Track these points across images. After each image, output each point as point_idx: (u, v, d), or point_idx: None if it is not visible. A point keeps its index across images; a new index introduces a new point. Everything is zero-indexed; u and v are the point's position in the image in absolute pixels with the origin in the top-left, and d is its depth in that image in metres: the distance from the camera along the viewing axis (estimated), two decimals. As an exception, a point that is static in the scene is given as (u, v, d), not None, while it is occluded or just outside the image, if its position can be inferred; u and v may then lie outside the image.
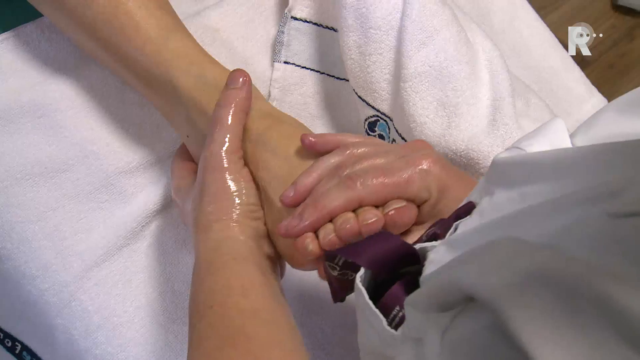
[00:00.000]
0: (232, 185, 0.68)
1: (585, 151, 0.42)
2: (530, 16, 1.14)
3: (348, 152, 0.68)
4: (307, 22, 0.89)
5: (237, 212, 0.67)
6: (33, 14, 0.86)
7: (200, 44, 0.79)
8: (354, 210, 0.64)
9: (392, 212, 0.63)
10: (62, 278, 0.80)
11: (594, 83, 1.16)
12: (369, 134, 0.87)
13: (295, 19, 0.89)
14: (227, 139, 0.69)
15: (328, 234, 0.63)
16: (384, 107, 0.83)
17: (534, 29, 1.13)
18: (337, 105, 0.93)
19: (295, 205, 0.66)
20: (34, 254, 0.81)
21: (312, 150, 0.70)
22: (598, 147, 0.43)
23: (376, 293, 0.50)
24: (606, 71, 1.99)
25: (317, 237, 0.63)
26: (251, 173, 0.71)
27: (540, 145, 0.49)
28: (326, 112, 0.93)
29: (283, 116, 0.75)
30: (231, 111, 0.70)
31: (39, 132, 0.83)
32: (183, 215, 0.76)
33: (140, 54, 0.75)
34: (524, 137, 0.51)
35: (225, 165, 0.68)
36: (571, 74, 1.13)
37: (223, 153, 0.69)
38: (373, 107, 0.84)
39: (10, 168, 0.81)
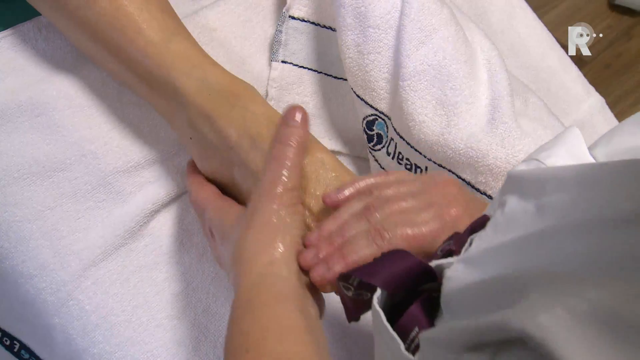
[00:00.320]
0: (283, 220, 0.65)
1: (610, 167, 0.41)
2: (528, 16, 1.14)
3: (376, 193, 0.68)
4: (305, 21, 0.89)
5: (283, 247, 0.64)
6: (30, 13, 0.86)
7: (198, 43, 0.79)
8: None
9: None
10: (60, 277, 0.80)
11: (590, 83, 1.17)
12: (367, 133, 0.87)
13: (293, 18, 0.89)
14: (285, 176, 0.66)
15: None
16: (382, 106, 0.83)
17: (532, 29, 1.13)
18: (335, 104, 0.93)
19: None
20: (32, 253, 0.81)
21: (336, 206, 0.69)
22: (623, 163, 0.41)
23: (393, 313, 0.50)
24: (603, 71, 1.99)
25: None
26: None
27: (559, 158, 0.48)
28: (324, 112, 0.93)
29: None
30: (291, 149, 0.67)
31: (37, 131, 0.83)
32: (217, 248, 0.73)
33: (142, 56, 0.75)
34: (541, 148, 0.50)
35: (280, 201, 0.65)
36: (569, 73, 1.13)
37: (280, 189, 0.66)
38: (371, 106, 0.84)
39: (7, 167, 0.81)
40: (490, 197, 0.79)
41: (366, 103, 0.84)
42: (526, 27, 1.12)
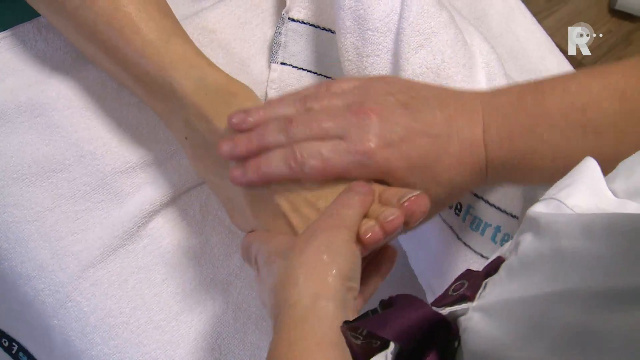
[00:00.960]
0: (337, 249, 0.61)
1: None
2: (527, 20, 1.14)
3: (307, 105, 0.70)
4: (305, 23, 0.89)
5: (333, 275, 0.59)
6: (30, 14, 0.86)
7: (197, 45, 0.79)
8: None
9: (407, 203, 0.64)
10: (58, 278, 0.80)
11: (590, 87, 1.16)
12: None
13: (293, 20, 0.89)
14: (350, 220, 0.64)
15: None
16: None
17: (531, 33, 1.13)
18: (334, 107, 0.93)
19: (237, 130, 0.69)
20: (30, 254, 0.81)
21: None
22: None
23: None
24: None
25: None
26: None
27: (579, 196, 0.46)
28: (323, 114, 0.93)
29: None
30: (360, 206, 0.65)
31: (36, 131, 0.83)
32: (260, 280, 0.69)
33: (140, 56, 0.75)
34: (559, 186, 0.48)
35: (344, 233, 0.62)
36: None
37: (343, 225, 0.63)
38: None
39: (6, 168, 0.81)
40: (491, 204, 0.79)
41: (365, 105, 0.84)
42: (525, 31, 1.12)
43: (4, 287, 0.83)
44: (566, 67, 1.14)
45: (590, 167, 0.49)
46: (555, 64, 1.12)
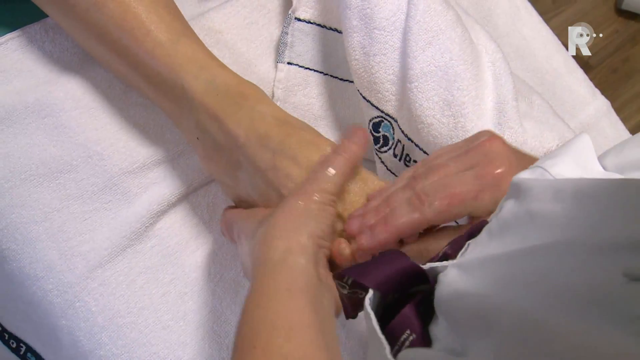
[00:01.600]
0: (311, 212, 0.66)
1: (609, 185, 0.40)
2: (533, 19, 1.14)
3: (422, 165, 0.69)
4: (311, 23, 0.89)
5: (305, 235, 0.64)
6: (37, 15, 0.86)
7: (205, 45, 0.79)
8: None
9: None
10: (67, 279, 0.80)
11: (597, 87, 1.17)
12: (373, 135, 0.87)
13: (299, 20, 0.89)
14: (324, 178, 0.68)
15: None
16: (388, 108, 0.83)
17: (537, 32, 1.13)
18: (340, 106, 0.93)
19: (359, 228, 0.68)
20: (39, 254, 0.81)
21: None
22: (623, 183, 0.40)
23: (387, 313, 0.50)
24: (609, 75, 1.99)
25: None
26: (273, 182, 0.72)
27: (564, 167, 0.47)
28: (330, 113, 0.93)
29: (297, 122, 0.75)
30: (341, 159, 0.69)
31: (44, 132, 0.83)
32: (243, 250, 0.72)
33: (150, 57, 0.75)
34: (548, 156, 0.50)
35: (313, 196, 0.67)
36: (574, 76, 1.13)
37: (315, 187, 0.67)
38: (377, 108, 0.84)
39: (14, 169, 0.82)
40: None
41: (372, 105, 0.84)
42: (531, 30, 1.12)
43: (12, 288, 0.83)
44: (573, 67, 1.14)
45: (582, 141, 0.50)
46: (562, 63, 1.13)
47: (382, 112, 0.84)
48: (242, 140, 0.72)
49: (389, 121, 0.85)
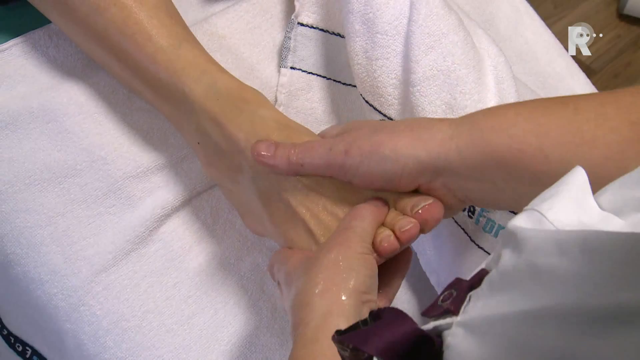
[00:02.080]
0: (351, 265, 0.63)
1: (620, 240, 0.36)
2: (535, 23, 1.14)
3: None
4: (314, 28, 0.89)
5: (346, 293, 0.61)
6: (40, 21, 0.87)
7: (207, 50, 0.80)
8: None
9: (421, 211, 0.66)
10: (71, 283, 0.81)
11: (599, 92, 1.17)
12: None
13: (302, 24, 0.89)
14: (360, 227, 0.66)
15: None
16: (391, 112, 0.83)
17: (539, 36, 1.13)
18: (343, 110, 0.93)
19: None
20: (43, 259, 0.81)
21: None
22: (633, 238, 0.36)
23: None
24: (611, 80, 1.99)
25: None
26: (274, 184, 0.72)
27: (561, 210, 0.45)
28: (333, 118, 0.94)
29: (298, 126, 0.75)
30: (372, 209, 0.68)
31: (48, 137, 0.83)
32: (283, 299, 0.70)
33: (151, 62, 0.76)
34: (543, 196, 0.47)
35: (355, 248, 0.64)
36: (576, 80, 1.13)
37: (356, 237, 0.65)
38: (380, 112, 0.84)
39: (19, 173, 0.82)
40: None
41: (375, 109, 0.85)
42: (533, 34, 1.13)
43: (18, 292, 0.84)
44: (575, 71, 1.14)
45: (578, 176, 0.48)
46: (564, 67, 1.13)
47: (385, 116, 0.84)
48: (243, 145, 0.72)
49: (391, 125, 0.85)
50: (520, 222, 0.45)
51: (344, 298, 0.60)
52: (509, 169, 0.61)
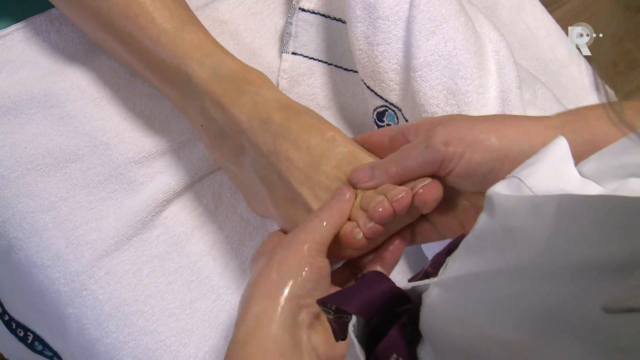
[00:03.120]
0: (293, 268, 0.64)
1: (591, 202, 0.38)
2: (536, 9, 1.14)
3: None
4: (315, 13, 0.89)
5: (282, 296, 0.62)
6: (42, 6, 0.87)
7: (209, 32, 0.80)
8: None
9: (421, 190, 0.65)
10: (73, 267, 0.81)
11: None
12: (377, 125, 0.87)
13: (303, 10, 0.89)
14: (319, 233, 0.66)
15: (367, 223, 0.66)
16: (392, 97, 0.84)
17: (541, 22, 1.13)
18: (345, 96, 0.93)
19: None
20: (45, 243, 0.81)
21: None
22: (606, 200, 0.38)
23: (374, 337, 0.50)
24: (610, 69, 1.99)
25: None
26: (275, 165, 0.72)
27: (540, 175, 0.46)
28: (334, 103, 0.94)
29: (300, 107, 0.75)
30: (336, 212, 0.68)
31: (50, 122, 0.84)
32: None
33: (155, 45, 0.76)
34: (525, 164, 0.48)
35: (303, 247, 0.65)
36: (577, 65, 1.13)
37: (308, 236, 0.66)
38: (381, 97, 0.84)
39: (21, 158, 0.82)
40: None
41: (376, 94, 0.85)
42: (535, 20, 1.13)
43: (20, 277, 0.84)
44: (576, 56, 1.14)
45: (559, 146, 0.48)
46: (566, 53, 1.13)
47: (386, 101, 0.84)
48: (245, 125, 0.73)
49: (393, 110, 0.85)
50: (500, 188, 0.45)
51: (281, 302, 0.62)
52: None
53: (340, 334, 0.57)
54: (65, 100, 0.84)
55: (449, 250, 0.51)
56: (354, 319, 0.49)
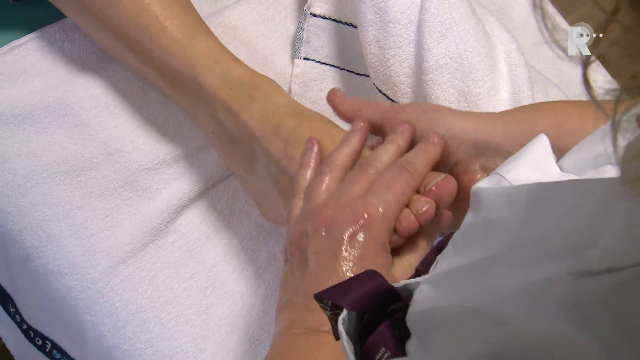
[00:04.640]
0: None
1: (560, 188, 0.40)
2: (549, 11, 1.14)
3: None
4: (327, 18, 0.90)
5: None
6: (55, 15, 0.88)
7: (219, 40, 0.80)
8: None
9: (434, 187, 0.67)
10: (90, 275, 0.81)
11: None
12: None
13: (315, 15, 0.89)
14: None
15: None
16: (404, 101, 0.84)
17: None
18: (357, 100, 0.93)
19: None
20: (62, 251, 0.82)
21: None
22: (573, 184, 0.40)
23: (365, 332, 0.50)
24: (624, 70, 1.98)
25: None
26: (287, 170, 0.73)
27: (520, 171, 0.48)
28: (347, 108, 0.94)
29: (310, 112, 0.76)
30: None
31: (64, 131, 0.84)
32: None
33: (166, 53, 0.76)
34: (507, 161, 0.50)
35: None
36: (591, 67, 1.13)
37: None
38: (393, 101, 0.85)
39: (36, 167, 0.83)
40: None
41: (388, 98, 0.85)
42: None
43: (37, 285, 0.84)
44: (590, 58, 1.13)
45: (539, 142, 0.50)
46: (578, 55, 1.12)
47: (398, 104, 0.85)
48: (256, 132, 0.73)
49: (405, 114, 0.85)
50: (483, 184, 0.47)
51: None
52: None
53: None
54: (79, 108, 0.85)
55: (439, 248, 0.51)
56: (344, 312, 0.49)
